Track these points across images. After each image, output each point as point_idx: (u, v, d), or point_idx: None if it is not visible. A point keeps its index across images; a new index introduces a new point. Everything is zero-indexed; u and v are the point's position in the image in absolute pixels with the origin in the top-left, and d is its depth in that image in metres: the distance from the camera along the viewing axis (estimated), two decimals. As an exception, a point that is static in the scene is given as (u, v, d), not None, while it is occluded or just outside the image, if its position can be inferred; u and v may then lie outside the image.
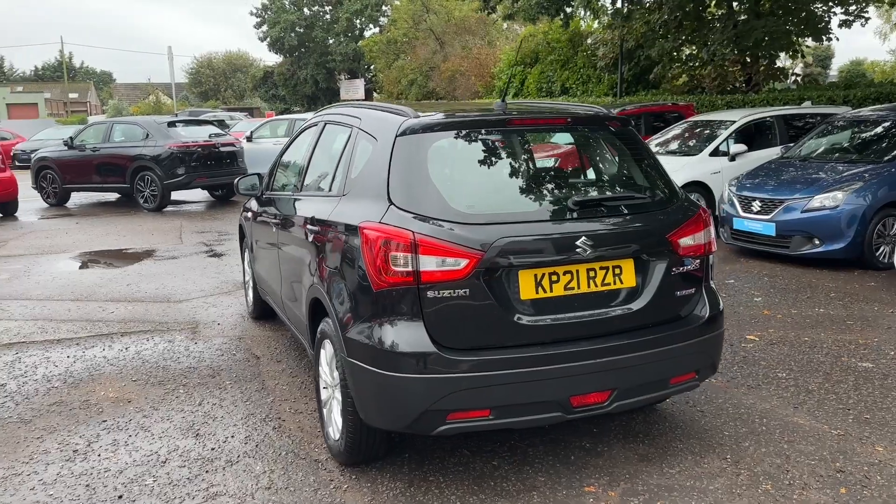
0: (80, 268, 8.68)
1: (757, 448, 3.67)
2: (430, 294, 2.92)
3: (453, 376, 2.92)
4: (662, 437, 3.82)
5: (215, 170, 13.55)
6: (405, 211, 3.02)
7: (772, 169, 8.80)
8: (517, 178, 3.42)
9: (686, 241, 3.38)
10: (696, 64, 16.61)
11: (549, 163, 3.63)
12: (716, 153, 10.29)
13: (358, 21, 41.87)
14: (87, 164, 13.92)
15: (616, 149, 3.65)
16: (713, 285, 3.62)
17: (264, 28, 43.10)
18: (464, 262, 2.92)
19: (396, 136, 3.22)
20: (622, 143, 3.62)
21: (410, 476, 3.44)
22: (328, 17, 43.31)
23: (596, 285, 3.17)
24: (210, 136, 13.77)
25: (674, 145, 11.02)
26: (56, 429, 4.06)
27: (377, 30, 37.94)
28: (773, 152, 10.02)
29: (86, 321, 6.20)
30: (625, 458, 3.60)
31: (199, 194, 15.52)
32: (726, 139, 10.36)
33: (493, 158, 3.36)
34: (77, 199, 15.35)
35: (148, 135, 13.34)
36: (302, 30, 42.30)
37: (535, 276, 3.06)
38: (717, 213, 8.99)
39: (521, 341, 3.03)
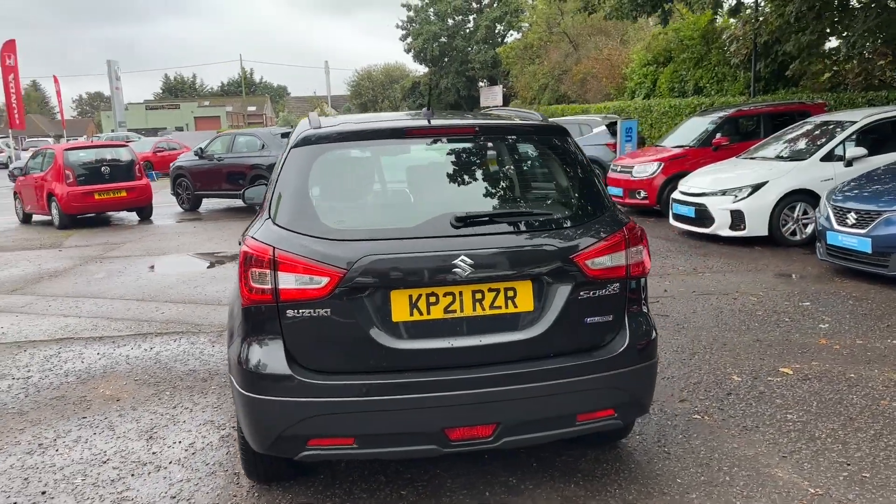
0: (165, 269, 9.36)
1: (701, 502, 3.19)
2: (289, 313, 2.81)
3: (309, 401, 2.79)
4: (603, 478, 3.43)
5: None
6: (279, 226, 2.94)
7: (877, 176, 7.69)
8: (403, 192, 3.21)
9: (598, 263, 3.00)
10: (839, 58, 14.94)
11: (449, 175, 3.38)
12: (829, 157, 9.18)
13: (500, 26, 42.06)
14: (214, 172, 15.02)
15: (536, 161, 3.33)
16: (646, 311, 3.20)
17: (409, 40, 44.50)
18: (324, 281, 2.79)
19: (291, 149, 3.14)
20: (547, 154, 3.30)
21: (312, 498, 3.34)
22: (470, 25, 43.86)
23: (483, 309, 2.90)
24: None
25: (781, 149, 9.97)
26: (40, 422, 4.38)
27: (518, 35, 37.86)
28: (899, 157, 8.77)
29: (134, 320, 6.67)
30: (546, 499, 3.27)
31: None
32: (842, 142, 9.20)
33: (381, 171, 3.18)
34: (209, 204, 16.64)
35: (264, 145, 14.17)
36: (444, 39, 43.17)
37: (410, 297, 2.85)
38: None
39: (391, 367, 2.84)
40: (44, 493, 3.49)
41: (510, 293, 2.92)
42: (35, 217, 14.82)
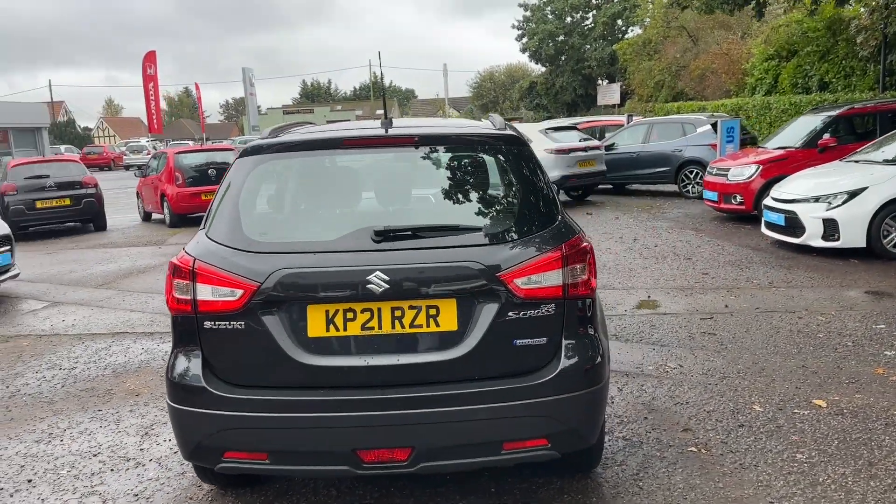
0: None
1: (650, 546, 2.91)
2: (207, 325, 2.83)
3: (222, 414, 2.79)
4: (556, 511, 3.21)
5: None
6: (208, 237, 2.97)
7: None
8: (332, 204, 3.13)
9: (529, 282, 2.80)
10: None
11: (383, 187, 3.25)
12: (943, 162, 8.16)
13: (619, 21, 40.82)
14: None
15: (480, 172, 3.15)
16: (593, 334, 2.95)
17: (524, 40, 44.12)
18: (239, 293, 2.78)
19: (236, 160, 3.17)
20: (492, 165, 3.12)
21: (260, 506, 3.36)
22: (588, 22, 42.88)
23: (403, 327, 2.79)
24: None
25: (890, 152, 8.96)
26: (61, 412, 4.70)
27: (639, 31, 36.56)
28: None
29: (188, 318, 7.01)
30: (487, 528, 3.11)
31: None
32: (960, 143, 8.15)
33: (314, 183, 3.12)
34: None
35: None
36: (561, 38, 42.46)
37: (327, 312, 2.79)
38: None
39: (305, 383, 2.79)
40: (30, 480, 3.73)
41: (432, 311, 2.79)
42: (154, 216, 15.99)
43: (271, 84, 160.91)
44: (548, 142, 14.65)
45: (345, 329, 2.78)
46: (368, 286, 2.73)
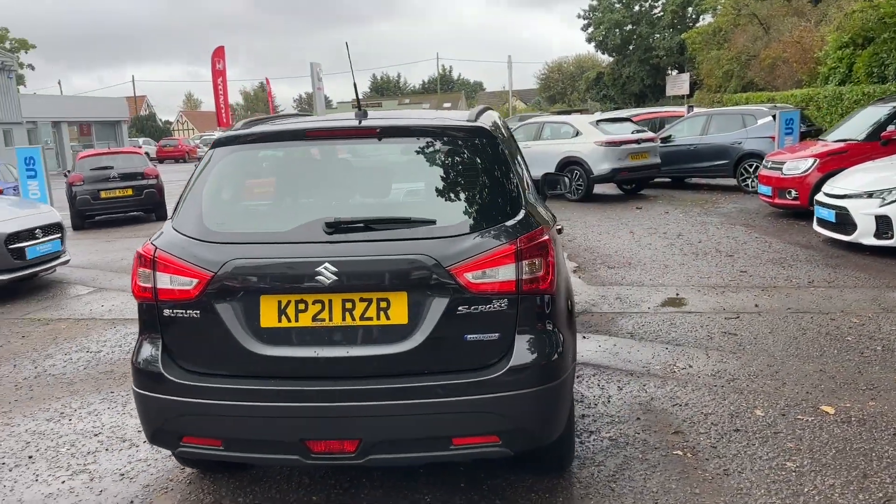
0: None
1: (604, 550, 2.83)
2: (166, 312, 2.90)
3: (178, 400, 2.85)
4: (520, 509, 3.16)
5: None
6: (172, 227, 3.04)
7: None
8: (287, 195, 3.15)
9: (480, 276, 2.75)
10: None
11: (341, 178, 3.23)
12: None
13: (689, 9, 39.52)
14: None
15: (442, 164, 3.10)
16: (552, 330, 2.88)
17: (590, 30, 43.29)
18: (194, 282, 2.84)
19: (208, 151, 3.23)
20: (456, 157, 3.07)
21: (236, 492, 3.42)
22: (657, 10, 41.70)
23: (353, 319, 2.79)
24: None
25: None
26: (77, 392, 4.92)
27: (710, 19, 35.32)
28: None
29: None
30: (446, 523, 3.08)
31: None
32: None
33: (276, 173, 3.14)
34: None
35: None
36: (628, 27, 41.45)
37: (279, 302, 2.81)
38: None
39: (257, 373, 2.83)
40: (31, 457, 3.92)
41: (383, 304, 2.78)
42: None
43: (343, 78, 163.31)
44: (598, 133, 14.37)
45: (296, 320, 2.80)
46: (317, 278, 2.74)
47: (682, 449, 3.66)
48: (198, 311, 2.84)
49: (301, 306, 2.80)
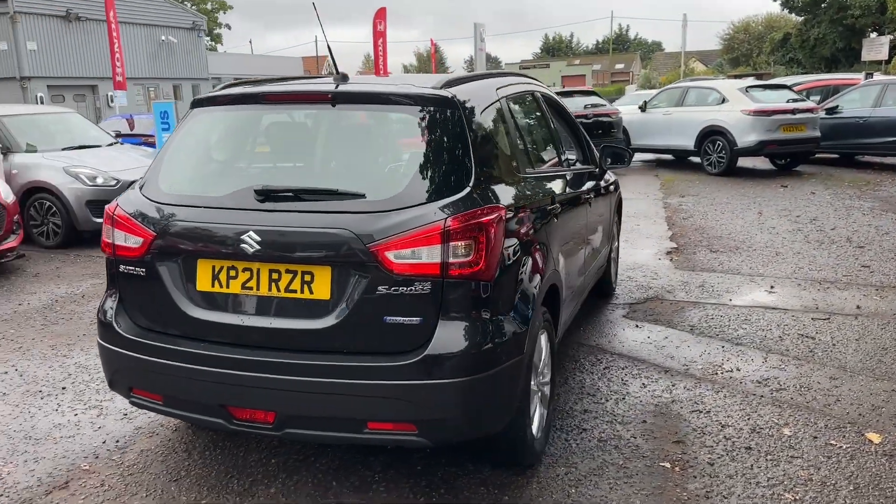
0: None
1: (518, 561, 2.61)
2: (121, 268, 3.01)
3: (124, 353, 2.97)
4: (462, 502, 2.99)
5: (586, 140, 13.67)
6: (138, 187, 3.13)
7: None
8: (233, 159, 3.08)
9: (402, 256, 2.58)
10: None
11: (286, 145, 3.09)
12: None
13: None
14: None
15: (395, 134, 2.90)
16: (487, 318, 2.66)
17: (776, -15, 39.26)
18: (140, 241, 2.92)
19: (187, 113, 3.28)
20: (407, 128, 2.87)
21: (202, 441, 3.55)
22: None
23: (279, 290, 2.74)
24: (585, 106, 13.88)
25: None
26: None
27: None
28: None
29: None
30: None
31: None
32: None
33: (226, 137, 3.09)
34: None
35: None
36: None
37: (213, 267, 2.82)
38: None
39: (191, 334, 2.87)
40: (63, 388, 4.31)
41: (307, 277, 2.70)
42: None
43: (515, 39, 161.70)
44: (746, 101, 13.11)
45: (227, 286, 2.80)
46: (242, 245, 2.71)
47: (672, 461, 3.28)
48: (144, 270, 2.93)
49: (232, 273, 2.79)
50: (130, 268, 2.97)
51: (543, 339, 3.32)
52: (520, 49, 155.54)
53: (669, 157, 15.77)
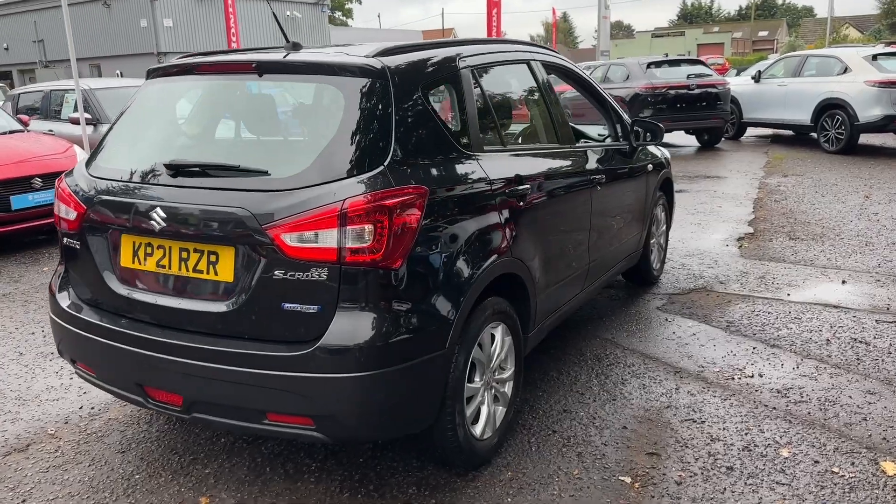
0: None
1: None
2: (65, 241, 3.04)
3: (63, 325, 2.99)
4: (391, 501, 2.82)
5: (685, 113, 12.78)
6: (85, 160, 3.13)
7: None
8: (158, 133, 2.96)
9: (297, 240, 2.40)
10: None
11: (207, 117, 2.91)
12: None
13: None
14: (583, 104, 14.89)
15: (316, 107, 2.68)
16: (396, 309, 2.45)
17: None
18: (74, 215, 2.92)
19: None
20: (334, 100, 2.65)
21: (146, 419, 3.57)
22: None
23: (188, 269, 2.65)
24: (688, 76, 12.93)
25: None
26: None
27: None
28: None
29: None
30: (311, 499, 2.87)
31: (686, 139, 14.77)
32: None
33: (158, 110, 2.98)
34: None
35: (628, 76, 13.44)
36: None
37: (134, 243, 2.78)
38: None
39: (115, 310, 2.85)
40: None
41: (213, 258, 2.59)
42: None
43: (650, 5, 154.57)
44: (872, 71, 11.75)
45: (145, 263, 2.75)
46: (151, 222, 2.64)
47: (634, 476, 2.94)
48: (79, 243, 2.93)
49: (149, 250, 2.73)
50: (70, 241, 2.98)
51: (499, 333, 3.06)
52: (655, 16, 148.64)
53: (789, 132, 14.45)
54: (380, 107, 2.59)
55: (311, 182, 2.46)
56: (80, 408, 3.71)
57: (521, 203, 3.17)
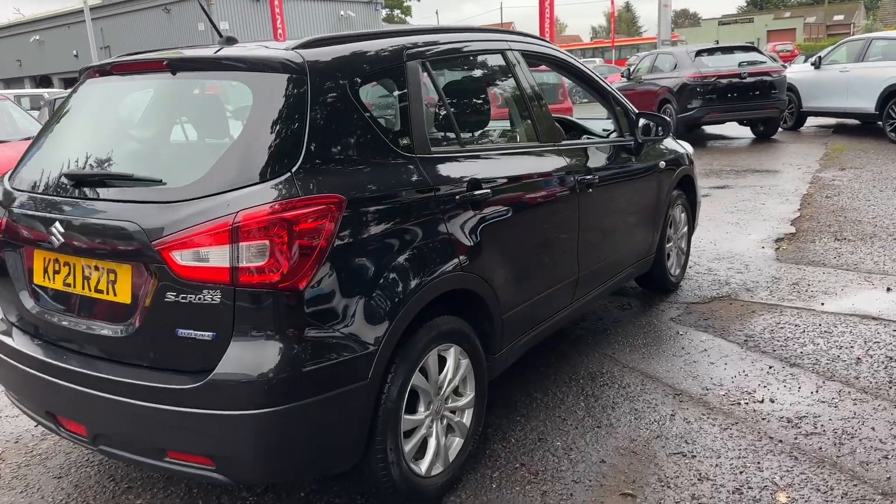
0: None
1: None
2: None
3: None
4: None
5: (738, 103, 12.04)
6: (9, 172, 2.94)
7: None
8: (70, 142, 2.71)
9: (187, 258, 2.14)
10: None
11: (117, 122, 2.65)
12: None
13: None
14: (635, 96, 14.25)
15: (226, 108, 2.40)
16: (301, 336, 2.15)
17: None
18: None
19: None
20: (245, 99, 2.37)
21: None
22: None
23: (90, 289, 2.42)
24: (740, 64, 12.18)
25: None
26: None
27: None
28: None
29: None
30: None
31: (740, 130, 13.95)
32: None
33: (77, 116, 2.75)
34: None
35: (676, 65, 12.78)
36: None
37: (45, 259, 2.57)
38: None
39: (30, 331, 2.65)
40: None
41: (112, 276, 2.36)
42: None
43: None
44: None
45: (53, 281, 2.54)
46: (51, 237, 2.42)
47: (598, 523, 2.57)
48: (2, 257, 2.74)
49: (56, 267, 2.52)
50: None
51: (452, 356, 2.73)
52: (723, 2, 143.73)
53: (854, 121, 13.49)
54: (292, 105, 2.30)
55: (206, 192, 2.19)
56: (36, 426, 3.56)
57: (479, 211, 2.83)
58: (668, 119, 4.35)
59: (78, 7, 36.49)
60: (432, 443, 2.69)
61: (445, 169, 2.75)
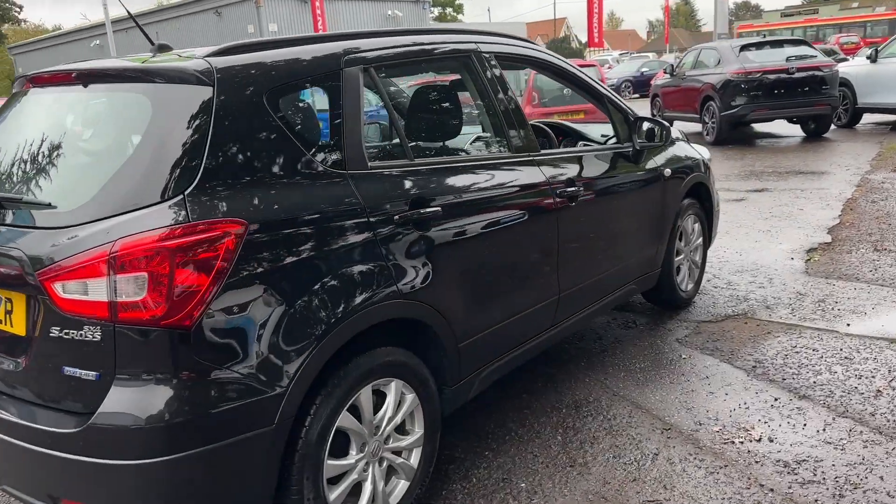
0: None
1: None
2: None
3: None
4: None
5: (785, 100, 11.40)
6: None
7: None
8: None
9: (69, 290, 1.95)
10: None
11: (33, 140, 2.44)
12: None
13: None
14: (678, 92, 13.72)
15: (131, 122, 2.19)
16: (193, 378, 1.93)
17: None
18: None
19: None
20: (149, 113, 2.16)
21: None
22: None
23: None
24: (787, 59, 11.52)
25: None
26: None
27: None
28: None
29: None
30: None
31: (789, 128, 13.22)
32: None
33: (14, 129, 2.59)
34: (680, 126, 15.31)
35: (720, 61, 12.19)
36: None
37: None
38: None
39: None
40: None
41: (9, 306, 2.20)
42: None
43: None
44: None
45: (-37, 309, 2.39)
46: (-48, 263, 2.27)
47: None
48: None
49: (-31, 294, 2.37)
50: None
51: (393, 390, 2.49)
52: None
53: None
54: (193, 119, 2.09)
55: (92, 217, 2.00)
56: None
57: (425, 231, 2.57)
58: (666, 125, 4.01)
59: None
60: (367, 488, 2.45)
61: (385, 186, 2.49)
